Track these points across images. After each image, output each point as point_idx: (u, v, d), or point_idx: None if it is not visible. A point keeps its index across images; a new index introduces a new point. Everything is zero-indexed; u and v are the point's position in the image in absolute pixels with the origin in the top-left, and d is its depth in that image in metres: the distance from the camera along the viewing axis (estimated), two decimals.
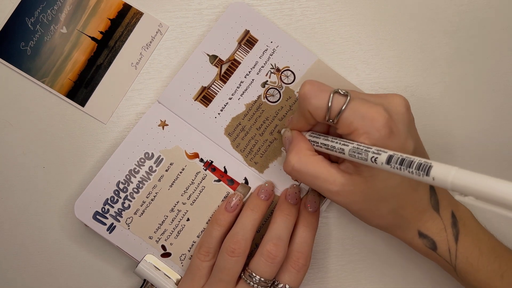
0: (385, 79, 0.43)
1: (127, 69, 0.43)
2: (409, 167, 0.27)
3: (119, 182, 0.40)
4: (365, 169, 0.33)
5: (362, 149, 0.31)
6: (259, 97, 0.42)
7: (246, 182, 0.41)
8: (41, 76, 0.42)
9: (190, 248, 0.41)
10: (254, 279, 0.36)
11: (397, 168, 0.28)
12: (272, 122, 0.41)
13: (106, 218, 0.40)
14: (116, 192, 0.40)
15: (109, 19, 0.42)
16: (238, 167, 0.41)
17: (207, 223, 0.41)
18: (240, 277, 0.38)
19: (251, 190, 0.41)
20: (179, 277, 0.40)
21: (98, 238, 0.42)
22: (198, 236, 0.41)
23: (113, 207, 0.40)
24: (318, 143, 0.35)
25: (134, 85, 0.43)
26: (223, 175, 0.41)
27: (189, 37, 0.43)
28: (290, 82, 0.42)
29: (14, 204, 0.43)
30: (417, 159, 0.27)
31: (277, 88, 0.42)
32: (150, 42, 0.43)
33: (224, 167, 0.41)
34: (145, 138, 0.41)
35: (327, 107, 0.33)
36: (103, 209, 0.40)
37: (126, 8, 0.42)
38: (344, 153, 0.32)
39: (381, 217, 0.35)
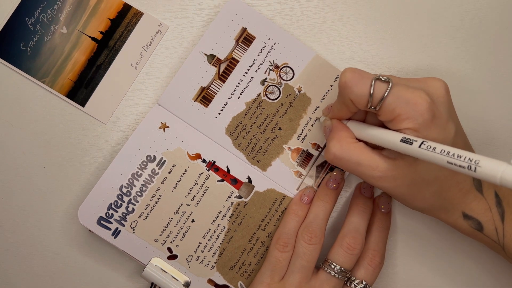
0: None
1: (127, 69, 0.42)
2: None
3: (122, 186, 0.40)
4: None
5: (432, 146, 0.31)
6: (258, 95, 0.41)
7: (250, 181, 0.41)
8: (41, 76, 0.42)
9: (196, 249, 0.41)
10: (335, 268, 0.38)
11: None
12: (273, 119, 0.41)
13: (111, 223, 0.40)
14: (120, 196, 0.40)
15: (109, 19, 0.42)
16: (241, 166, 0.41)
17: (212, 223, 0.41)
18: (319, 268, 0.39)
19: (254, 189, 0.41)
20: (187, 279, 0.40)
21: (102, 242, 0.42)
22: (203, 237, 0.41)
23: (117, 211, 0.40)
24: (366, 135, 0.35)
25: (134, 85, 0.42)
26: (226, 175, 0.41)
27: (189, 37, 0.43)
28: (289, 78, 0.42)
29: (14, 205, 0.42)
30: (465, 156, 0.27)
31: (277, 85, 0.42)
32: (150, 42, 0.42)
33: (227, 167, 0.41)
34: (147, 141, 0.40)
35: (369, 95, 0.33)
36: (107, 214, 0.40)
37: (126, 8, 0.42)
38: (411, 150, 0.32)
39: (425, 200, 0.35)
